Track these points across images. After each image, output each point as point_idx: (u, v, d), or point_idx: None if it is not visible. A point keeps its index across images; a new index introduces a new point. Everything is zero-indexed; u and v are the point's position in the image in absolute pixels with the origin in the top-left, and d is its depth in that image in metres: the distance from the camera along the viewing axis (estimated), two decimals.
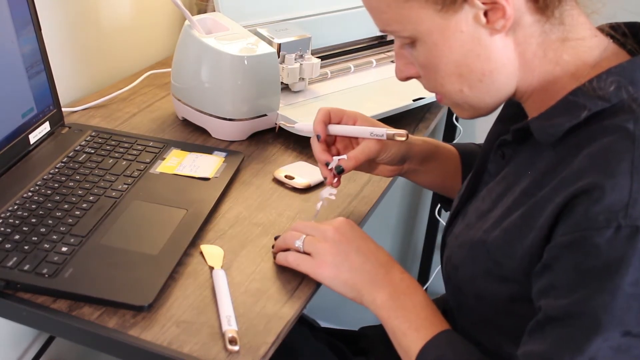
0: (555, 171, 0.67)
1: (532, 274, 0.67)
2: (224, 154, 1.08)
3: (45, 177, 0.96)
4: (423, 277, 1.87)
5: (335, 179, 0.90)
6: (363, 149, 0.90)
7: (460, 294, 0.79)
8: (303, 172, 1.05)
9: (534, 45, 0.69)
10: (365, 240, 0.82)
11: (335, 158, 0.89)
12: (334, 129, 0.92)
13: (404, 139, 0.88)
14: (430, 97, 1.25)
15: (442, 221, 1.75)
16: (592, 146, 0.64)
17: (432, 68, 0.72)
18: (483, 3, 0.66)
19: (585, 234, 0.61)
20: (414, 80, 0.79)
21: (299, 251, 0.83)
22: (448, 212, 0.93)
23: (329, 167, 0.90)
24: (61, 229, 0.86)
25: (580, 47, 0.70)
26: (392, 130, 0.89)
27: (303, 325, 1.08)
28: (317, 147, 0.92)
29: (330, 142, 0.94)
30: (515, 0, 0.66)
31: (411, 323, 0.76)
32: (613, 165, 0.62)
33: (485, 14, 0.67)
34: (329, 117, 0.92)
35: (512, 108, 0.83)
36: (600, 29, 0.72)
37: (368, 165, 0.95)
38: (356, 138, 0.93)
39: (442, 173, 1.00)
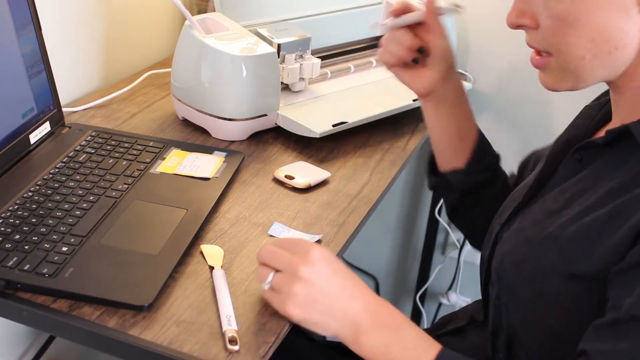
0: None
1: (614, 271, 0.66)
2: (224, 153, 1.08)
3: (45, 177, 0.96)
4: (423, 277, 1.87)
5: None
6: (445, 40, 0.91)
7: (514, 293, 0.77)
8: (303, 172, 1.05)
9: None
10: (338, 275, 0.74)
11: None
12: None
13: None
14: None
15: (442, 221, 1.75)
16: None
17: (569, 22, 0.69)
18: None
19: None
20: None
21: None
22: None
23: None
24: (61, 228, 0.86)
25: None
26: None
27: (301, 337, 1.06)
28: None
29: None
30: None
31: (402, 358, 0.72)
32: None
33: None
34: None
35: (582, 118, 0.82)
36: None
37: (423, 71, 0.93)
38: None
39: (458, 125, 0.98)
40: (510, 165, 1.05)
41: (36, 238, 0.83)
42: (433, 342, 0.73)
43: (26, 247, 0.82)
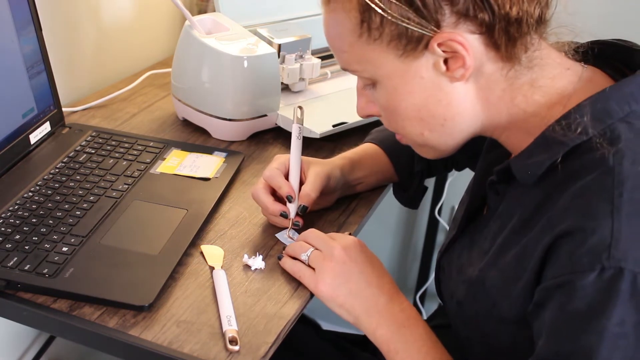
0: (542, 210, 0.67)
1: (528, 315, 0.67)
2: (224, 154, 1.08)
3: (45, 177, 0.96)
4: (423, 277, 1.87)
5: (297, 222, 0.90)
6: (314, 179, 0.91)
7: (466, 329, 0.79)
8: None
9: (498, 91, 0.69)
10: (370, 265, 0.81)
11: (293, 204, 0.90)
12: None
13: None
14: None
15: (442, 221, 1.75)
16: (575, 185, 0.64)
17: (392, 110, 0.72)
18: (444, 51, 0.65)
19: (570, 277, 0.61)
20: None
21: (304, 263, 0.83)
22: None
23: (291, 215, 0.90)
24: (62, 229, 0.86)
25: (551, 87, 0.69)
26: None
27: (307, 325, 1.08)
28: (268, 200, 0.90)
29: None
30: (476, 50, 0.66)
31: (412, 359, 0.76)
32: (593, 206, 0.61)
33: (446, 61, 0.66)
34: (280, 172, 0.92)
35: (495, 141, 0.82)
36: (573, 49, 0.71)
37: (323, 198, 0.95)
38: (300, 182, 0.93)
39: (379, 171, 1.02)
40: None
41: (36, 238, 0.83)
42: (445, 352, 0.76)
43: (26, 247, 0.82)
